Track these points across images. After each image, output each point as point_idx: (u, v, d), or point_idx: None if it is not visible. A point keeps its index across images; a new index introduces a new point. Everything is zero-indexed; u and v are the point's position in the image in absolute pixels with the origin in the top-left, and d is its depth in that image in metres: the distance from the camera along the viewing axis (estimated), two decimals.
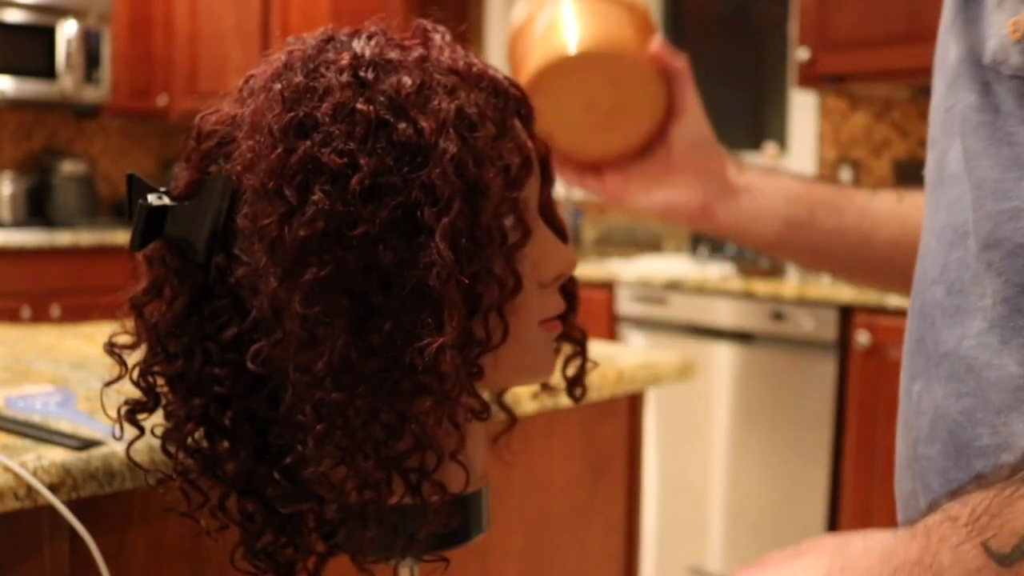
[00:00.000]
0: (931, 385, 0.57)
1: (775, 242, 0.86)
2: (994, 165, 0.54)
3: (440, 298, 0.56)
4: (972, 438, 0.53)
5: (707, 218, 0.85)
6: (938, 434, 0.55)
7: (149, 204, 0.61)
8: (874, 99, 2.93)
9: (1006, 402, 0.52)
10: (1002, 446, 0.52)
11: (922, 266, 0.60)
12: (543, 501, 1.16)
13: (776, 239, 0.86)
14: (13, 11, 3.62)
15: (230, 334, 0.62)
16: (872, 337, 2.32)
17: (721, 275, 2.73)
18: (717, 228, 0.87)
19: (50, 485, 0.72)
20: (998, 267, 0.53)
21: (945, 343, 0.56)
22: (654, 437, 2.74)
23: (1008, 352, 0.52)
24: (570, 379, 0.76)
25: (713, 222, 0.86)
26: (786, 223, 0.85)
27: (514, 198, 0.61)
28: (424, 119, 0.57)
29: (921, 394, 0.58)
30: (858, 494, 2.36)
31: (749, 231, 0.86)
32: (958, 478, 0.53)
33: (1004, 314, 0.53)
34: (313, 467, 0.60)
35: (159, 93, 4.05)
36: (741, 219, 0.85)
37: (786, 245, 0.87)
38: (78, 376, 1.04)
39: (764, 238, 0.86)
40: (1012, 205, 0.53)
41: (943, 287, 0.57)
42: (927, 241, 0.60)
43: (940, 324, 0.56)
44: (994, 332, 0.53)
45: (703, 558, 2.67)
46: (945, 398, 0.55)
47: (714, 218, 0.85)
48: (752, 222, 0.85)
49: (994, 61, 0.54)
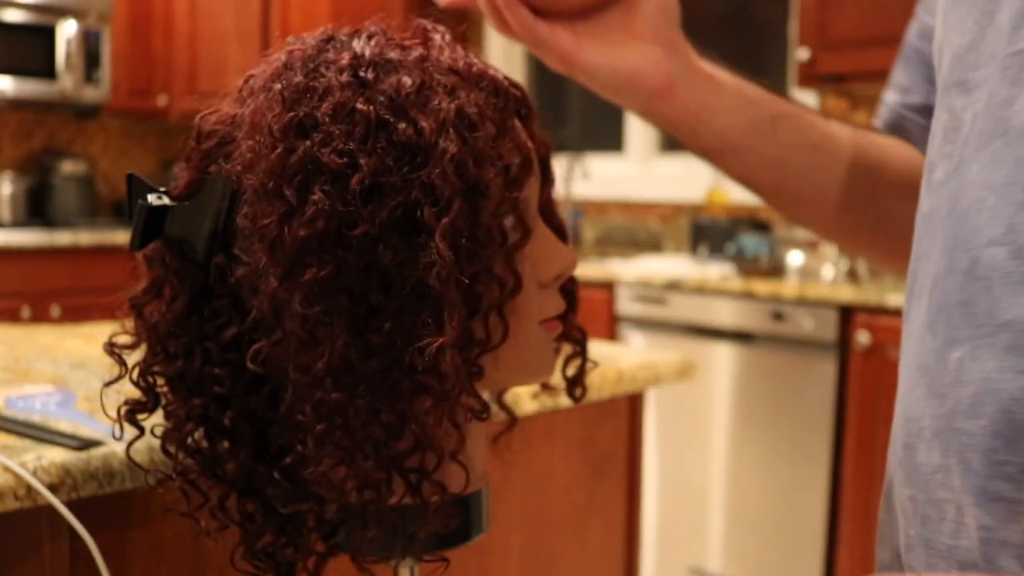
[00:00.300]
0: (979, 354, 0.52)
1: (733, 145, 0.76)
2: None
3: (440, 298, 0.56)
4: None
5: (668, 97, 0.74)
6: (984, 409, 0.51)
7: (149, 204, 0.61)
8: (874, 99, 2.92)
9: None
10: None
11: (973, 223, 0.54)
12: (543, 501, 1.16)
13: (735, 141, 0.76)
14: (13, 11, 3.62)
15: (230, 334, 0.62)
16: (872, 337, 2.32)
17: (721, 275, 2.73)
18: (676, 113, 0.75)
19: (50, 485, 0.72)
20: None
21: (1006, 311, 0.51)
22: (654, 437, 2.74)
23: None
24: (570, 379, 0.76)
25: (673, 105, 0.74)
26: (749, 124, 0.76)
27: (514, 198, 0.61)
28: (424, 119, 0.56)
29: (964, 362, 0.53)
30: (858, 494, 2.36)
31: (709, 125, 0.75)
32: (1011, 460, 0.49)
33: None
34: (313, 467, 0.60)
35: (159, 93, 4.06)
36: (703, 109, 0.75)
37: (743, 151, 0.77)
38: (78, 376, 1.04)
39: (723, 137, 0.76)
40: None
41: (1007, 250, 0.51)
42: (979, 196, 0.54)
43: (1000, 290, 0.51)
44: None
45: (703, 558, 2.67)
46: (1000, 372, 0.50)
47: (675, 99, 0.74)
48: (714, 114, 0.75)
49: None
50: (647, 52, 0.73)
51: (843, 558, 2.40)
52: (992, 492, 0.50)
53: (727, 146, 0.77)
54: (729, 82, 0.76)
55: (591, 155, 3.63)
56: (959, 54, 0.58)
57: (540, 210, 0.67)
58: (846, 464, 2.38)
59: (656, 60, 0.73)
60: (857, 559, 2.37)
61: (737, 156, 0.78)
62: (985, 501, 0.50)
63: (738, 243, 2.76)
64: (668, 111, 0.75)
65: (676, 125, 0.76)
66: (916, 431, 0.56)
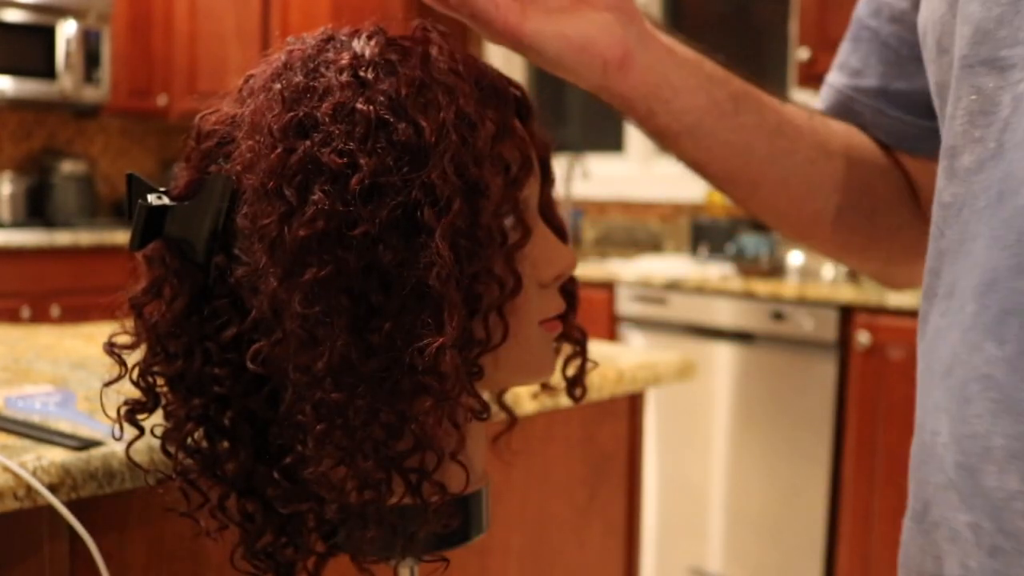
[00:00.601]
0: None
1: (691, 126, 0.69)
2: None
3: (440, 298, 0.56)
4: None
5: (625, 70, 0.65)
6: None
7: (149, 204, 0.61)
8: None
9: None
10: None
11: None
12: (543, 501, 1.16)
13: (694, 122, 0.69)
14: (13, 11, 3.62)
15: (230, 334, 0.62)
16: (872, 337, 2.32)
17: (721, 275, 2.73)
18: (632, 89, 0.67)
19: (50, 485, 0.72)
20: None
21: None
22: (654, 437, 2.74)
23: None
24: (570, 379, 0.76)
25: (629, 79, 0.66)
26: (710, 104, 0.69)
27: (514, 198, 0.61)
28: (424, 119, 0.56)
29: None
30: (858, 494, 2.36)
31: (669, 103, 0.68)
32: None
33: None
34: (313, 467, 0.60)
35: (159, 93, 4.06)
36: (663, 84, 0.67)
37: (702, 134, 0.70)
38: (78, 376, 1.04)
39: (681, 117, 0.68)
40: None
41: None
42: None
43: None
44: None
45: (703, 558, 2.67)
46: None
47: (632, 72, 0.65)
48: (675, 91, 0.67)
49: None
50: (599, 19, 0.64)
51: (843, 558, 2.40)
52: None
53: (685, 128, 0.69)
54: (689, 56, 0.69)
55: (591, 155, 3.63)
56: (986, 28, 0.53)
57: (540, 210, 0.67)
58: (846, 464, 2.38)
59: (610, 28, 0.64)
60: (857, 559, 2.37)
61: (694, 139, 0.70)
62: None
63: (738, 243, 2.76)
64: (624, 87, 0.66)
65: (632, 103, 0.68)
66: (980, 451, 0.50)
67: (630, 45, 0.65)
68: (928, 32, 0.60)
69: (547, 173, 0.69)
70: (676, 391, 2.62)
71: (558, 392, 0.77)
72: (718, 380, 2.61)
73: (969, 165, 0.53)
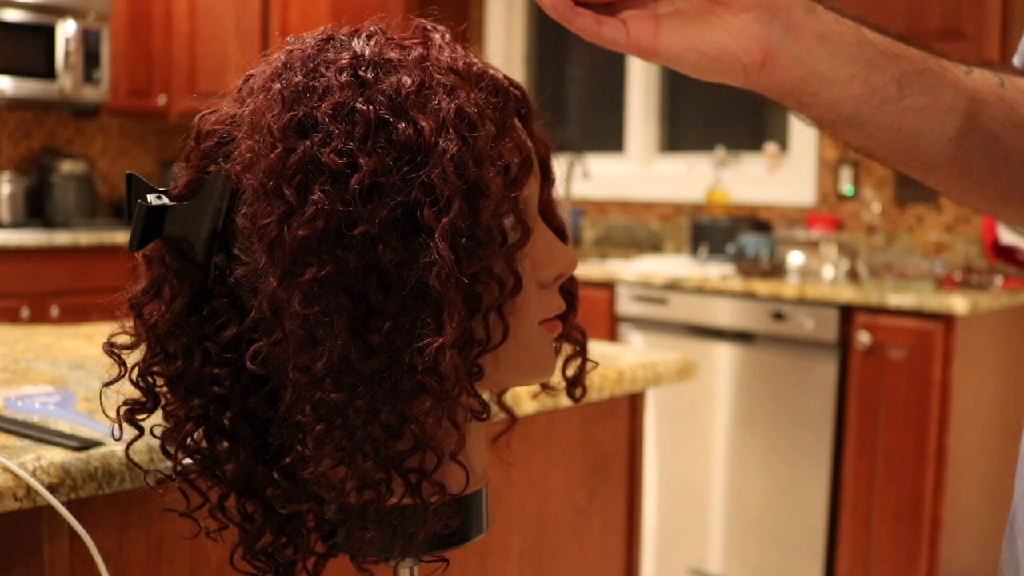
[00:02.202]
0: None
1: (847, 115, 0.66)
2: None
3: (440, 298, 0.56)
4: None
5: (768, 69, 0.64)
6: None
7: (148, 204, 0.61)
8: None
9: None
10: None
11: None
12: (543, 501, 1.16)
13: (850, 111, 0.66)
14: (12, 11, 3.62)
15: (229, 334, 0.62)
16: (873, 337, 2.32)
17: (721, 275, 2.72)
18: (778, 85, 0.65)
19: (49, 486, 0.72)
20: None
21: None
22: (654, 437, 2.74)
23: None
24: (570, 379, 0.76)
25: (773, 76, 0.64)
26: (867, 91, 0.65)
27: (514, 198, 0.60)
28: (424, 119, 0.56)
29: None
30: (858, 494, 2.36)
31: (819, 95, 0.65)
32: None
33: None
34: (312, 467, 0.60)
35: (158, 93, 4.05)
36: (811, 76, 0.64)
37: (861, 122, 0.67)
38: (77, 376, 1.04)
39: (835, 107, 0.66)
40: None
41: None
42: None
43: None
44: None
45: (703, 558, 2.67)
46: None
47: (775, 69, 0.64)
48: (825, 82, 0.65)
49: None
50: (735, 24, 0.63)
51: (843, 558, 2.40)
52: None
53: (841, 117, 0.67)
54: (847, 39, 0.65)
55: (591, 155, 3.63)
56: None
57: (540, 210, 0.67)
58: (846, 464, 2.38)
59: (747, 32, 0.63)
60: (857, 559, 2.37)
61: (854, 128, 0.68)
62: None
63: (738, 243, 2.76)
64: (770, 84, 0.65)
65: (782, 97, 0.67)
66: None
67: (772, 43, 0.63)
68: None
69: (547, 173, 0.69)
70: (676, 391, 2.62)
71: (558, 392, 0.77)
72: (718, 380, 2.61)
73: None
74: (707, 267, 2.90)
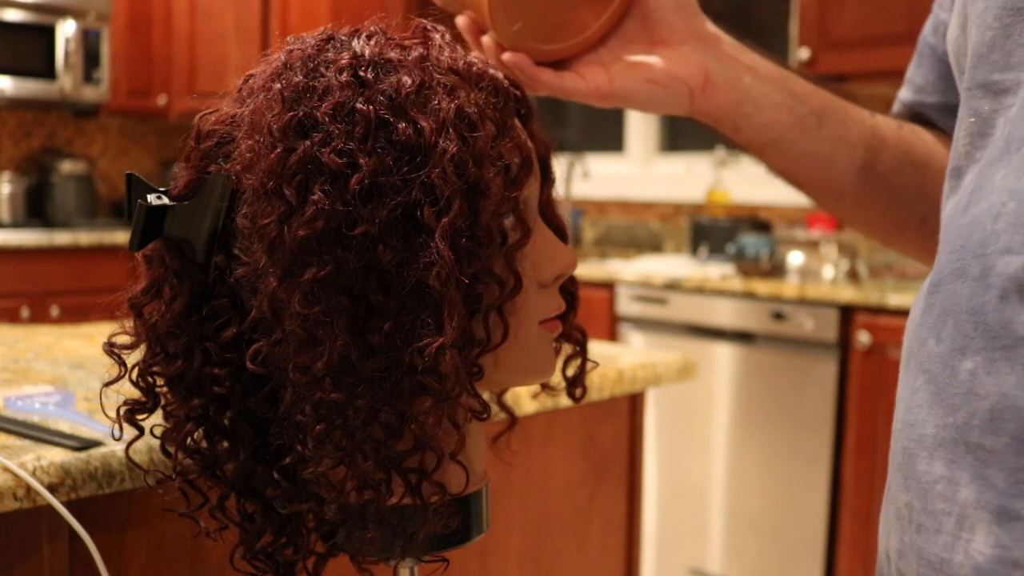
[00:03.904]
0: (995, 367, 0.50)
1: (775, 139, 0.74)
2: None
3: (440, 298, 0.56)
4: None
5: (708, 92, 0.71)
6: (1006, 426, 0.49)
7: (148, 204, 0.61)
8: (875, 99, 2.92)
9: None
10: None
11: (990, 227, 0.52)
12: (543, 501, 1.16)
13: (777, 135, 0.74)
14: (12, 11, 3.62)
15: (229, 334, 0.62)
16: (873, 337, 2.32)
17: (721, 275, 2.72)
18: (717, 108, 0.72)
19: (49, 485, 0.72)
20: None
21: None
22: (654, 437, 2.74)
23: None
24: (570, 379, 0.76)
25: (713, 99, 0.72)
26: (792, 118, 0.73)
27: (514, 198, 0.60)
28: (424, 119, 0.56)
29: (976, 374, 0.51)
30: (859, 494, 2.36)
31: (751, 118, 0.73)
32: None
33: None
34: (312, 467, 0.60)
35: (158, 93, 4.05)
36: (745, 101, 0.72)
37: (785, 146, 0.74)
38: (77, 376, 1.04)
39: (764, 131, 0.73)
40: None
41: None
42: (998, 200, 0.52)
43: (1018, 302, 0.49)
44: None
45: (703, 558, 2.67)
46: (1022, 388, 0.49)
47: (714, 92, 0.71)
48: (756, 107, 0.72)
49: None
50: (675, 55, 0.71)
51: (843, 558, 2.40)
52: (1013, 511, 0.49)
53: (769, 140, 0.74)
54: (771, 74, 0.74)
55: (591, 155, 3.63)
56: (980, 52, 0.56)
57: (540, 210, 0.67)
58: (846, 464, 2.38)
59: (689, 59, 0.71)
60: (858, 559, 2.37)
61: (779, 151, 0.75)
62: (1006, 520, 0.49)
63: (738, 243, 2.76)
64: (710, 106, 0.72)
65: (720, 121, 0.74)
66: (917, 438, 0.55)
67: (709, 68, 0.71)
68: (950, 54, 0.63)
69: (547, 173, 0.69)
70: (676, 391, 2.62)
71: (558, 392, 0.77)
72: (718, 380, 2.61)
73: (967, 185, 0.56)
74: (707, 267, 2.90)
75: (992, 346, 0.50)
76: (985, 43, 0.55)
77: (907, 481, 0.55)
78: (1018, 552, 0.49)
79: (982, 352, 0.51)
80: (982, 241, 0.52)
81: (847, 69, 2.65)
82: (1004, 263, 0.50)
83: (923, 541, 0.54)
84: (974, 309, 0.52)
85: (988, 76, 0.55)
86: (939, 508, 0.53)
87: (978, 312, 0.51)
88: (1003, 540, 0.49)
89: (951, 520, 0.52)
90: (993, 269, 0.51)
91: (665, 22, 0.71)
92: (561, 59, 0.72)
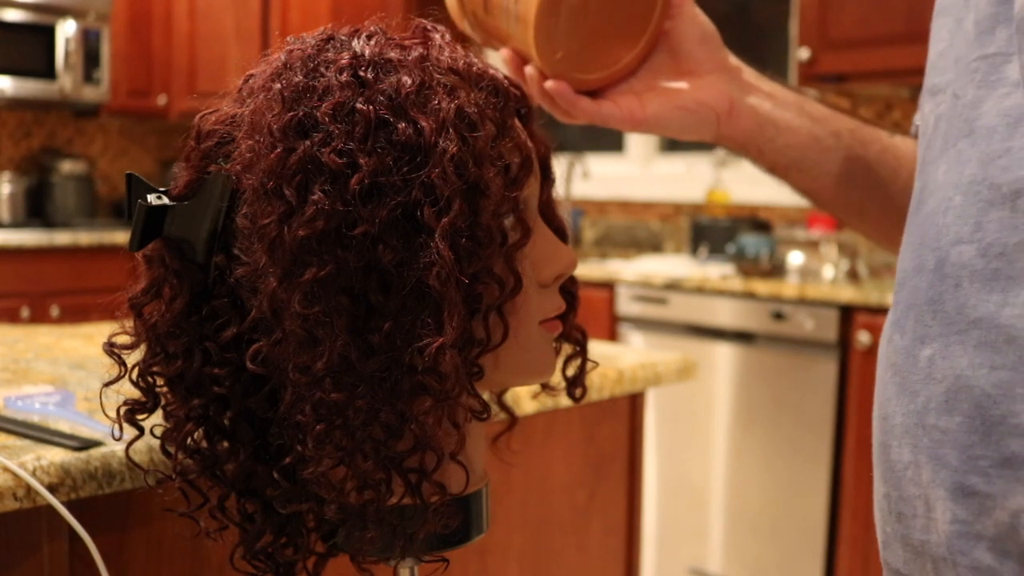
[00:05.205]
0: (950, 352, 0.52)
1: (797, 159, 0.79)
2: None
3: (440, 298, 0.56)
4: (1007, 414, 0.49)
5: (733, 118, 0.78)
6: (959, 406, 0.51)
7: (148, 204, 0.61)
8: (875, 99, 2.93)
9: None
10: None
11: (940, 221, 0.55)
12: (543, 501, 1.16)
13: (798, 156, 0.79)
14: (12, 11, 3.62)
15: (229, 334, 0.62)
16: (873, 337, 2.31)
17: (721, 275, 2.72)
18: (741, 133, 0.79)
19: (49, 485, 0.72)
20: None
21: (976, 309, 0.51)
22: (654, 437, 2.74)
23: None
24: (570, 379, 0.76)
25: (737, 124, 0.78)
26: (811, 140, 0.79)
27: (514, 198, 0.60)
28: (424, 119, 0.56)
29: (934, 359, 0.53)
30: (859, 494, 2.36)
31: (773, 141, 0.79)
32: (985, 455, 0.50)
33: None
34: (312, 467, 0.60)
35: (158, 93, 4.05)
36: (766, 124, 0.78)
37: (807, 166, 0.80)
38: (77, 376, 1.04)
39: (786, 152, 0.79)
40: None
41: (975, 247, 0.52)
42: (945, 195, 0.55)
43: (969, 288, 0.52)
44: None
45: (703, 558, 2.67)
46: (973, 368, 0.51)
47: (739, 118, 0.78)
48: (778, 130, 0.78)
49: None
50: (703, 84, 0.77)
51: (843, 558, 2.40)
52: (968, 487, 0.50)
53: (792, 161, 0.79)
54: (790, 99, 0.79)
55: (591, 155, 3.63)
56: (933, 61, 0.61)
57: (540, 210, 0.67)
58: (846, 464, 2.38)
59: (715, 87, 0.77)
60: (858, 559, 2.37)
61: (801, 171, 0.80)
62: (960, 496, 0.51)
63: (738, 243, 2.76)
64: (736, 131, 0.78)
65: (744, 146, 0.79)
66: (889, 429, 0.57)
67: (733, 95, 0.77)
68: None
69: (547, 173, 0.69)
70: (676, 391, 2.62)
71: (558, 392, 0.77)
72: (718, 380, 2.61)
73: (963, 152, 0.59)
74: (707, 267, 2.89)
75: (948, 331, 0.53)
76: (937, 53, 0.60)
77: (884, 473, 0.57)
78: (979, 526, 0.50)
79: (939, 339, 0.53)
80: (936, 235, 0.55)
81: (847, 69, 2.65)
82: (957, 252, 0.53)
83: (904, 528, 0.55)
84: (932, 299, 0.54)
85: (932, 80, 0.60)
86: (911, 493, 0.54)
87: (936, 302, 0.54)
88: (960, 515, 0.51)
89: (921, 503, 0.54)
90: (947, 260, 0.53)
91: (691, 55, 0.77)
92: (597, 88, 0.77)
